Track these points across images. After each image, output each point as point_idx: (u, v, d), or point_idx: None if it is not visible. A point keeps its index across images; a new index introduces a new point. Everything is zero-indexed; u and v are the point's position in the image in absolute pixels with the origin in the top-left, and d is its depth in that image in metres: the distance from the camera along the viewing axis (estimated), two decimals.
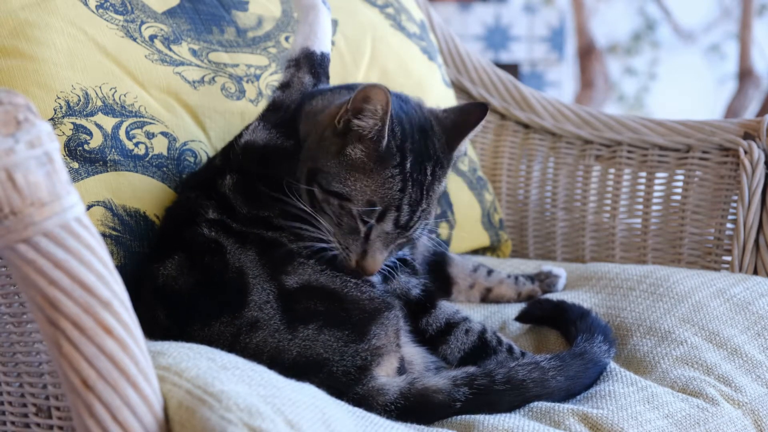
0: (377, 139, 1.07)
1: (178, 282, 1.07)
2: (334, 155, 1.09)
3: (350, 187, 1.08)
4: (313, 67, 1.23)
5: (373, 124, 1.07)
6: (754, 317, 1.25)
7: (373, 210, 1.08)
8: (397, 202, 1.09)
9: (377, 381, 1.02)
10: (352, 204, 1.08)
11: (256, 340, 1.02)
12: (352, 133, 1.08)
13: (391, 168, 1.08)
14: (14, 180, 0.74)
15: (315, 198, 1.09)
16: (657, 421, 1.03)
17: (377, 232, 1.09)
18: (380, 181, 1.08)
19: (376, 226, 1.09)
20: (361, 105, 1.07)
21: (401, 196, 1.09)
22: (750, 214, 1.47)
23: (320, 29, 1.25)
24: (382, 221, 1.09)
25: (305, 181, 1.10)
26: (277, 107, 1.21)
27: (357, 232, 1.09)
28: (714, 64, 4.65)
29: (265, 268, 1.06)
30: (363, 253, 1.09)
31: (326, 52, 1.24)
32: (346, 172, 1.08)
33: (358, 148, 1.08)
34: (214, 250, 1.07)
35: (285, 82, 1.23)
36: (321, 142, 1.11)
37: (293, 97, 1.21)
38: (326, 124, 1.11)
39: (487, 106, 1.19)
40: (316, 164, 1.10)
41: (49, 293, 0.75)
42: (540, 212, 1.76)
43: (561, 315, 1.23)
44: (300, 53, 1.24)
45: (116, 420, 0.77)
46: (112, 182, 1.21)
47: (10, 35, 1.20)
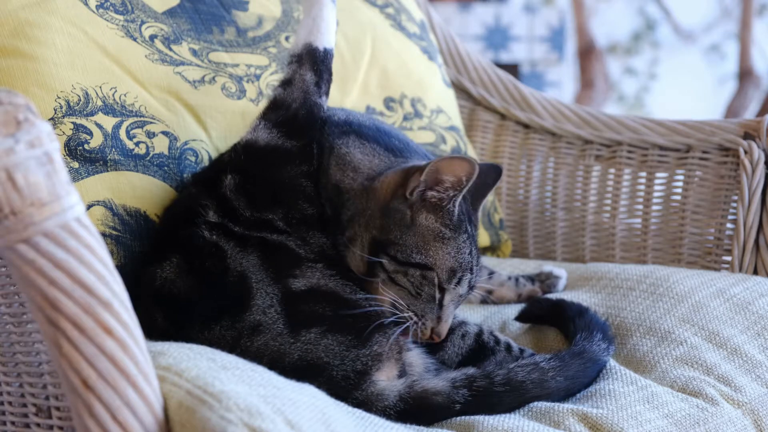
0: (451, 208, 1.09)
1: (177, 285, 1.07)
2: (407, 227, 1.09)
3: (432, 257, 1.08)
4: (316, 64, 1.20)
5: (452, 194, 1.08)
6: (754, 317, 1.25)
7: (453, 276, 1.09)
8: (470, 264, 1.11)
9: (377, 386, 1.02)
10: (435, 274, 1.08)
11: (258, 343, 1.01)
12: (425, 204, 1.08)
13: (463, 233, 1.10)
14: (14, 180, 0.74)
15: (382, 268, 1.08)
16: (657, 421, 1.03)
17: (451, 297, 1.10)
18: (457, 247, 1.09)
19: (452, 291, 1.10)
20: (439, 176, 1.07)
21: (471, 258, 1.11)
22: (750, 214, 1.47)
23: (324, 24, 1.22)
24: (458, 285, 1.10)
25: (368, 251, 1.09)
26: (278, 105, 1.19)
27: (433, 300, 1.09)
28: (714, 64, 4.65)
29: (269, 272, 1.05)
30: (438, 319, 1.10)
31: (329, 48, 1.22)
32: (425, 242, 1.08)
33: (431, 218, 1.09)
34: (214, 254, 1.07)
35: (287, 79, 1.21)
36: (387, 213, 1.10)
37: (294, 95, 1.19)
38: (389, 196, 1.10)
39: (501, 168, 1.23)
40: (386, 236, 1.09)
41: (49, 293, 0.75)
42: (540, 212, 1.76)
43: (560, 313, 1.23)
44: (302, 49, 1.21)
45: (116, 420, 0.77)
46: (113, 182, 1.20)
47: (11, 35, 1.20)
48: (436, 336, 1.10)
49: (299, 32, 1.23)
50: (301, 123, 1.17)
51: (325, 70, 1.21)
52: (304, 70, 1.20)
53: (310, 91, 1.19)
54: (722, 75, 4.62)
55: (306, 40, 1.21)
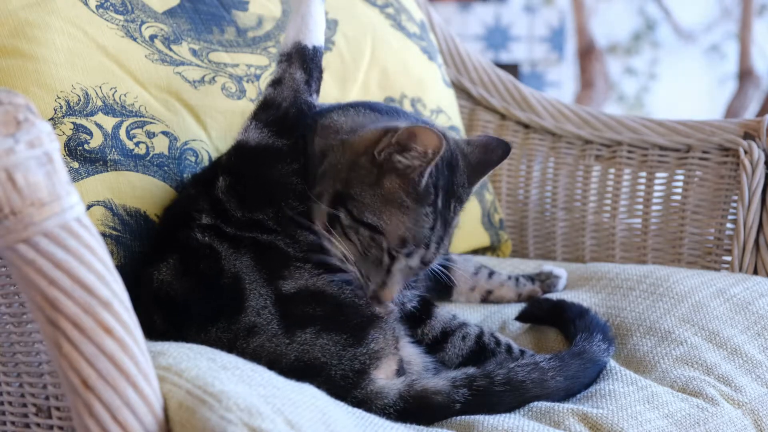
0: (418, 178, 1.07)
1: (173, 287, 1.07)
2: (370, 185, 1.08)
3: (385, 221, 1.07)
4: (305, 63, 1.19)
5: (418, 164, 1.06)
6: (754, 317, 1.25)
7: (404, 246, 1.08)
8: (427, 239, 1.09)
9: (376, 384, 1.02)
10: (384, 238, 1.08)
11: (254, 345, 1.01)
12: (393, 167, 1.07)
13: (426, 206, 1.08)
14: (14, 180, 0.74)
15: (338, 222, 1.08)
16: (657, 421, 1.03)
17: (400, 266, 1.09)
18: (414, 218, 1.08)
19: (401, 260, 1.09)
20: (409, 143, 1.06)
21: (431, 234, 1.09)
22: (750, 214, 1.47)
23: (312, 21, 1.21)
24: (409, 257, 1.09)
25: (329, 202, 1.09)
26: (268, 105, 1.18)
27: (380, 264, 1.09)
28: (714, 64, 4.65)
29: (262, 273, 1.05)
30: (382, 284, 1.10)
31: (318, 46, 1.21)
32: (382, 205, 1.07)
33: (396, 183, 1.08)
34: (208, 256, 1.06)
35: (276, 78, 1.20)
36: (355, 168, 1.09)
37: (285, 94, 1.18)
38: (361, 151, 1.10)
39: (510, 145, 1.19)
40: (348, 189, 1.08)
41: (49, 293, 0.75)
42: (540, 212, 1.76)
43: (560, 314, 1.23)
44: (292, 47, 1.20)
45: (116, 420, 0.77)
46: (113, 182, 1.20)
47: (10, 35, 1.20)
48: (376, 300, 1.09)
49: (288, 31, 1.22)
50: (292, 122, 1.17)
51: (315, 68, 1.21)
52: (294, 68, 1.19)
53: (300, 89, 1.18)
54: (722, 75, 4.62)
55: (295, 38, 1.21)
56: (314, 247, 1.09)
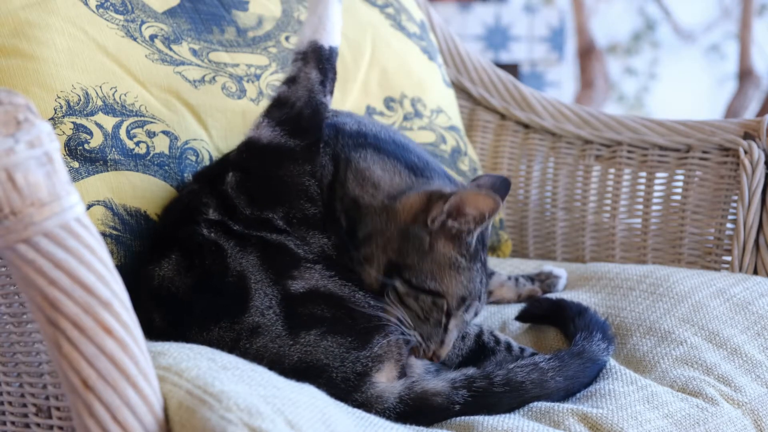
0: (470, 239, 1.08)
1: (175, 284, 1.06)
2: (425, 253, 1.08)
3: (446, 285, 1.08)
4: (321, 62, 1.19)
5: (472, 227, 1.07)
6: (754, 317, 1.25)
7: (463, 303, 1.09)
8: (479, 293, 1.11)
9: (376, 388, 1.02)
10: (446, 301, 1.08)
11: (257, 345, 1.01)
12: (446, 232, 1.08)
13: (477, 263, 1.10)
14: (14, 180, 0.74)
15: (394, 290, 1.09)
16: (657, 421, 1.03)
17: (456, 322, 1.10)
18: (470, 276, 1.09)
19: (458, 317, 1.10)
20: (463, 208, 1.07)
21: (481, 287, 1.11)
22: (750, 214, 1.47)
23: (329, 22, 1.21)
24: (466, 312, 1.11)
25: (382, 271, 1.09)
26: (282, 103, 1.17)
27: (440, 325, 1.10)
28: (714, 64, 4.65)
29: (268, 273, 1.05)
30: (441, 343, 1.10)
31: (335, 47, 1.21)
32: (439, 270, 1.08)
33: (449, 246, 1.08)
34: (213, 253, 1.06)
35: (291, 76, 1.19)
36: (406, 237, 1.09)
37: (299, 93, 1.17)
38: (410, 220, 1.10)
39: (510, 181, 1.21)
40: (403, 260, 1.08)
41: (49, 293, 0.75)
42: (540, 212, 1.76)
43: (559, 313, 1.23)
44: (308, 47, 1.19)
45: (116, 420, 0.77)
46: (113, 181, 1.20)
47: (11, 35, 1.20)
48: (436, 358, 1.11)
49: (304, 30, 1.22)
50: (306, 122, 1.16)
51: (330, 68, 1.20)
52: (309, 68, 1.18)
53: (314, 89, 1.18)
54: (722, 75, 4.61)
55: (311, 37, 1.20)
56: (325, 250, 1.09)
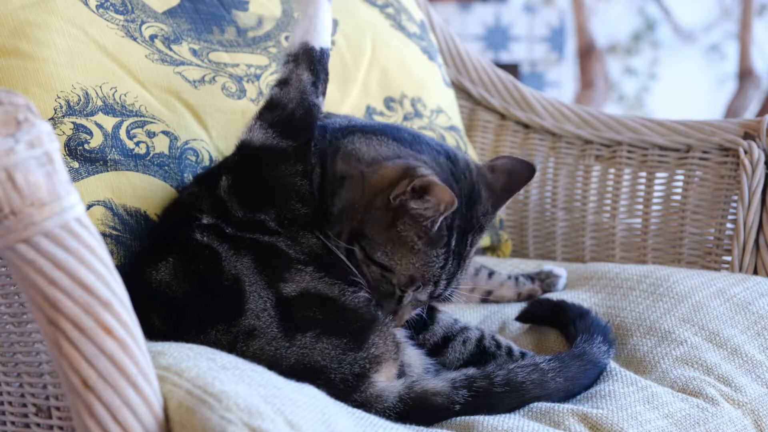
0: (431, 225, 1.08)
1: (172, 288, 1.06)
2: (383, 228, 1.09)
3: (395, 262, 1.09)
4: (312, 64, 1.19)
5: (432, 214, 1.07)
6: (754, 317, 1.25)
7: (412, 284, 1.10)
8: (436, 278, 1.11)
9: (376, 387, 1.02)
10: (394, 276, 1.10)
11: (254, 348, 1.01)
12: (407, 212, 1.08)
13: (438, 249, 1.10)
14: (14, 180, 0.74)
15: (353, 255, 1.10)
16: (657, 421, 1.03)
17: (410, 298, 1.12)
18: (425, 260, 1.09)
19: (410, 294, 1.11)
20: (422, 195, 1.07)
21: (441, 272, 1.11)
22: (750, 214, 1.47)
23: (320, 23, 1.21)
24: (417, 291, 1.11)
25: (346, 238, 1.10)
26: (274, 105, 1.17)
27: (392, 296, 1.11)
28: (714, 64, 4.65)
29: (262, 275, 1.05)
30: (393, 313, 1.12)
31: (326, 48, 1.21)
32: (393, 247, 1.09)
33: (408, 226, 1.09)
34: (208, 258, 1.06)
35: (283, 78, 1.20)
36: (370, 209, 1.10)
37: (291, 95, 1.17)
38: (378, 190, 1.10)
39: (535, 167, 1.20)
40: (363, 228, 1.10)
41: (49, 293, 0.75)
42: (540, 212, 1.76)
43: (560, 315, 1.23)
44: (299, 48, 1.20)
45: (116, 420, 0.77)
46: (113, 182, 1.20)
47: (11, 35, 1.20)
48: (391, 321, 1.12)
49: (295, 32, 1.22)
50: (298, 123, 1.16)
51: (322, 69, 1.20)
52: (301, 69, 1.19)
53: (307, 90, 1.18)
54: (722, 75, 4.62)
55: (302, 39, 1.20)
56: (315, 249, 1.10)
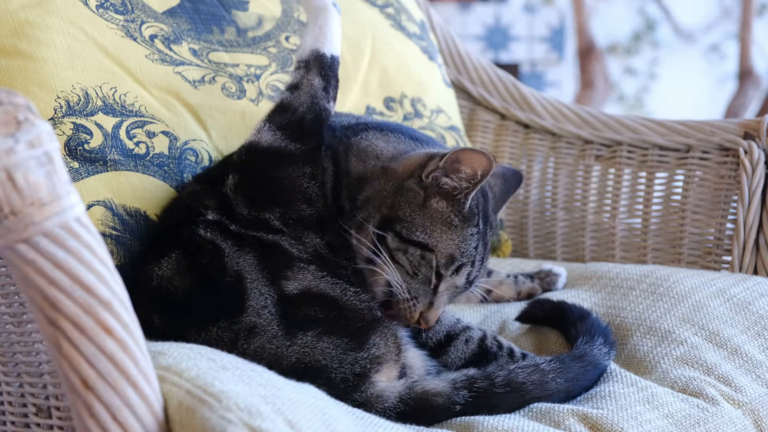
0: (464, 199, 1.10)
1: (174, 284, 1.07)
2: (417, 206, 1.11)
3: (435, 238, 1.10)
4: (323, 69, 1.21)
5: (465, 186, 1.10)
6: (754, 317, 1.25)
7: (452, 263, 1.10)
8: (473, 258, 1.12)
9: (376, 387, 1.02)
10: (434, 256, 1.10)
11: (254, 345, 1.01)
12: (439, 189, 1.10)
13: (472, 226, 1.11)
14: (14, 180, 0.74)
15: (385, 245, 1.10)
16: (657, 421, 1.03)
17: (447, 285, 1.12)
18: (462, 237, 1.11)
19: (448, 279, 1.11)
20: (457, 165, 1.09)
21: (475, 253, 1.12)
22: (750, 214, 1.47)
23: (330, 32, 1.24)
24: (456, 275, 1.12)
25: (378, 226, 1.11)
26: (284, 109, 1.19)
27: (428, 283, 1.11)
28: (714, 64, 4.65)
29: (264, 273, 1.05)
30: (429, 304, 1.12)
31: (336, 56, 1.23)
32: (432, 224, 1.10)
33: (443, 203, 1.11)
34: (211, 253, 1.07)
35: (294, 83, 1.22)
36: (401, 191, 1.12)
37: (302, 99, 1.19)
38: (406, 175, 1.13)
39: (522, 174, 1.26)
40: (395, 213, 1.11)
41: (49, 293, 0.75)
42: (540, 212, 1.76)
43: (561, 316, 1.23)
44: (310, 55, 1.22)
45: (116, 420, 0.77)
46: (113, 182, 1.20)
47: (10, 35, 1.20)
48: (423, 321, 1.12)
49: (305, 39, 1.24)
50: (308, 127, 1.18)
51: (333, 76, 1.23)
52: (312, 75, 1.21)
53: (318, 95, 1.20)
54: (722, 75, 4.62)
55: (313, 46, 1.23)
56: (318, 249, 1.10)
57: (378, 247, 1.10)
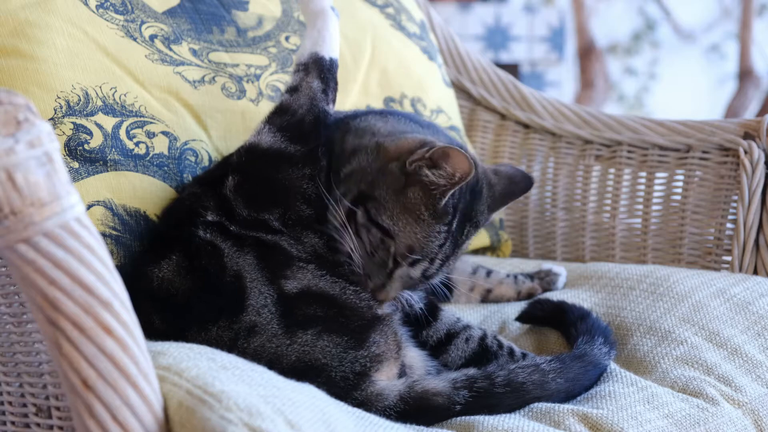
0: (440, 196, 1.09)
1: (174, 284, 1.07)
2: (394, 191, 1.10)
3: (399, 227, 1.10)
4: (322, 72, 1.22)
5: (444, 183, 1.09)
6: (754, 317, 1.25)
7: (409, 255, 1.10)
8: (433, 255, 1.11)
9: (376, 386, 1.02)
10: (393, 243, 1.10)
11: (254, 344, 1.01)
12: (419, 180, 1.10)
13: (441, 224, 1.11)
14: (14, 180, 0.74)
15: (353, 218, 1.11)
16: (657, 421, 1.03)
17: (401, 273, 1.12)
18: (427, 232, 1.10)
19: (403, 267, 1.11)
20: (440, 162, 1.08)
21: (438, 250, 1.12)
22: (750, 214, 1.47)
23: (329, 35, 1.24)
24: (411, 266, 1.11)
25: (351, 199, 1.11)
26: (284, 111, 1.20)
27: (384, 267, 1.11)
28: (714, 64, 4.65)
29: (264, 272, 1.05)
30: (381, 286, 1.11)
31: (335, 59, 1.24)
32: (400, 212, 1.10)
33: (418, 195, 1.10)
34: (210, 254, 1.07)
35: (293, 86, 1.22)
36: (383, 171, 1.12)
37: (301, 101, 1.20)
38: (394, 156, 1.12)
39: (533, 180, 1.23)
40: (371, 191, 1.11)
41: (49, 293, 0.75)
42: (540, 212, 1.76)
43: (561, 316, 1.23)
44: (309, 58, 1.23)
45: (116, 420, 0.77)
46: (113, 182, 1.21)
47: (10, 35, 1.20)
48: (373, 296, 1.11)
49: (304, 43, 1.25)
50: (307, 129, 1.18)
51: (332, 78, 1.23)
52: (311, 78, 1.22)
53: (317, 97, 1.21)
54: (722, 75, 4.61)
55: (312, 49, 1.23)
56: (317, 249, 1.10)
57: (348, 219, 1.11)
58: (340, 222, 1.11)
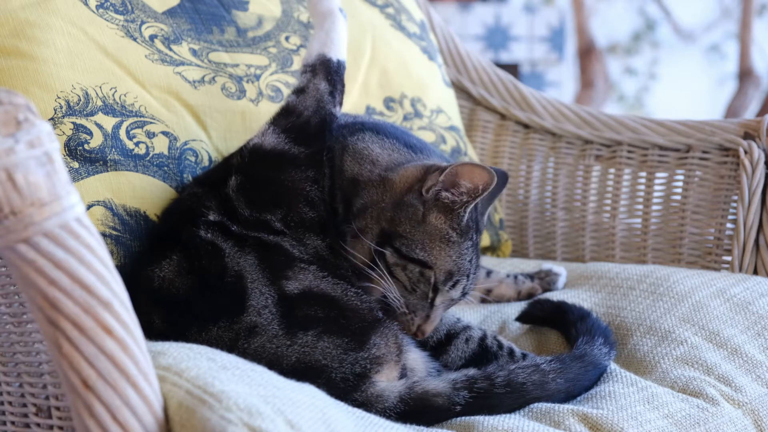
0: (462, 213, 1.10)
1: (175, 285, 1.07)
2: (418, 223, 1.10)
3: (435, 256, 1.10)
4: (329, 74, 1.22)
5: (465, 200, 1.09)
6: (754, 317, 1.25)
7: (450, 279, 1.10)
8: (468, 271, 1.12)
9: (376, 387, 1.02)
10: (433, 273, 1.10)
11: (255, 345, 1.01)
12: (437, 204, 1.10)
13: (468, 240, 1.11)
14: (14, 180, 0.74)
15: (383, 260, 1.10)
16: (657, 421, 1.03)
17: (443, 298, 1.12)
18: (459, 252, 1.11)
19: (445, 293, 1.11)
20: (456, 180, 1.09)
21: (470, 266, 1.12)
22: (750, 214, 1.47)
23: (337, 37, 1.25)
24: (453, 289, 1.12)
25: (376, 240, 1.10)
26: (290, 112, 1.20)
27: (426, 298, 1.11)
28: (714, 64, 4.65)
29: (265, 273, 1.05)
30: (426, 317, 1.12)
31: (342, 61, 1.24)
32: (431, 240, 1.10)
33: (441, 218, 1.10)
34: (211, 254, 1.07)
35: (300, 87, 1.22)
36: (400, 206, 1.11)
37: (307, 103, 1.20)
38: (405, 189, 1.12)
39: (507, 174, 1.25)
40: (395, 228, 1.11)
41: (49, 293, 0.75)
42: (540, 212, 1.76)
43: (561, 316, 1.23)
44: (316, 59, 1.23)
45: (116, 420, 0.77)
46: (113, 182, 1.20)
47: (11, 35, 1.20)
48: (420, 333, 1.12)
49: (312, 44, 1.25)
50: (313, 131, 1.18)
51: (339, 80, 1.23)
52: (318, 79, 1.22)
53: (324, 99, 1.21)
54: (722, 75, 4.62)
55: (319, 51, 1.23)
56: (319, 251, 1.10)
57: (375, 261, 1.10)
58: (367, 262, 1.10)
